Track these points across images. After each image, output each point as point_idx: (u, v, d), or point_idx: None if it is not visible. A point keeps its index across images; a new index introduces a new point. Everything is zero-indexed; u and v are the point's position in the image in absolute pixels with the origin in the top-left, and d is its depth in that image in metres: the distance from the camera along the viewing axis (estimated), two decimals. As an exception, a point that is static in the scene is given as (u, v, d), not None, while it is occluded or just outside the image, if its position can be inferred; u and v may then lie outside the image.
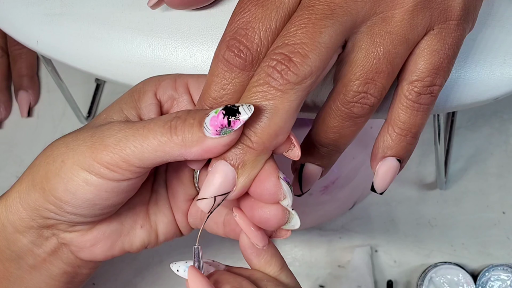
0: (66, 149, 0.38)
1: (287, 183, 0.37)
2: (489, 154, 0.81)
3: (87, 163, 0.37)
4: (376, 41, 0.38)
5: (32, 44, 0.49)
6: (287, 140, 0.37)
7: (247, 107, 0.35)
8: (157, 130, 0.36)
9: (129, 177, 0.38)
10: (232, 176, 0.37)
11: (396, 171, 0.41)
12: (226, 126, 0.35)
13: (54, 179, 0.38)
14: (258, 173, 0.37)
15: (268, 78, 0.35)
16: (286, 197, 0.37)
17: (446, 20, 0.38)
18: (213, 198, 0.37)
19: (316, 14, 0.36)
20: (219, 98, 0.37)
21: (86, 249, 0.42)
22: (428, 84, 0.39)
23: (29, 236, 0.41)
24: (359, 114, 0.39)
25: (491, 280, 0.73)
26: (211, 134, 0.35)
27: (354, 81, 0.38)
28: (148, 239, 0.44)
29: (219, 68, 0.37)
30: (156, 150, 0.36)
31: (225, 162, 0.36)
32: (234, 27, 0.37)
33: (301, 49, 0.35)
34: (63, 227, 0.41)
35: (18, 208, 0.40)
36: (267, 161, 0.37)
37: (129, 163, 0.37)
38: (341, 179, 0.71)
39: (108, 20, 0.47)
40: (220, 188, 0.36)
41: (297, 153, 0.38)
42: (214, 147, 0.36)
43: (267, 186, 0.37)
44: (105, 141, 0.37)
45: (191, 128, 0.36)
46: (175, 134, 0.36)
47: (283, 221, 0.38)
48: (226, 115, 0.35)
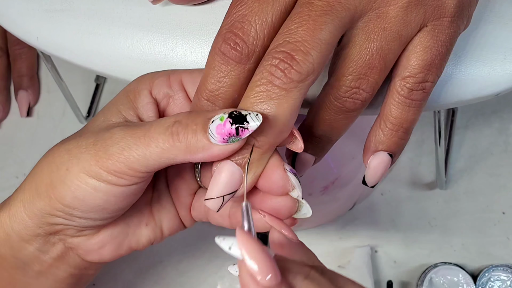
0: (69, 157, 0.38)
1: (294, 175, 0.38)
2: (489, 154, 0.81)
3: (94, 170, 0.37)
4: (370, 37, 0.38)
5: (32, 40, 0.49)
6: (290, 134, 0.38)
7: (255, 116, 0.35)
8: (158, 138, 0.36)
9: (136, 181, 0.38)
10: (239, 175, 0.37)
11: (387, 165, 0.42)
12: (234, 135, 0.35)
13: (61, 187, 0.38)
14: (265, 168, 0.38)
15: (271, 77, 0.35)
16: (295, 188, 0.38)
17: (440, 17, 0.39)
18: (221, 197, 0.37)
19: (316, 11, 0.36)
20: (215, 91, 0.37)
21: (93, 251, 0.42)
22: (420, 81, 0.39)
23: (35, 244, 0.41)
24: (351, 108, 0.39)
25: (491, 281, 0.73)
26: (218, 142, 0.35)
27: (347, 76, 0.39)
28: (154, 235, 0.44)
29: (216, 61, 0.37)
30: (160, 157, 0.36)
31: (231, 161, 0.37)
32: (231, 20, 0.37)
33: (303, 46, 0.35)
34: (71, 232, 0.41)
35: (23, 217, 0.40)
36: (272, 155, 0.38)
37: (135, 170, 0.37)
38: (341, 179, 0.71)
39: (109, 16, 0.47)
40: (227, 187, 0.37)
41: (300, 145, 0.38)
42: (222, 154, 0.36)
43: (274, 179, 0.38)
44: (109, 150, 0.37)
45: (194, 134, 0.36)
46: (178, 141, 0.36)
47: (293, 209, 0.39)
48: (234, 123, 0.35)
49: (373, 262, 0.76)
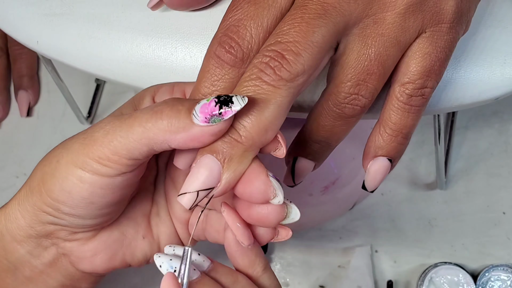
0: (61, 150, 0.38)
1: (276, 180, 0.37)
2: (489, 154, 0.81)
3: (80, 160, 0.37)
4: (368, 43, 0.38)
5: (32, 44, 0.49)
6: (275, 139, 0.37)
7: (241, 98, 0.34)
8: (142, 117, 0.35)
9: (122, 171, 0.37)
10: (218, 171, 0.35)
11: (387, 170, 0.42)
12: (216, 115, 0.34)
13: (50, 181, 0.38)
14: (246, 173, 0.36)
15: (260, 73, 0.35)
16: (276, 195, 0.36)
17: (438, 23, 0.39)
18: (195, 192, 0.35)
19: (310, 14, 0.36)
20: (208, 95, 0.37)
21: (86, 259, 0.42)
22: (419, 87, 0.39)
23: (26, 246, 0.41)
24: (350, 114, 0.39)
25: (491, 280, 0.73)
26: (200, 122, 0.34)
27: (346, 83, 0.38)
28: (150, 251, 0.43)
29: (210, 64, 0.37)
30: (141, 137, 0.35)
31: (211, 156, 0.35)
32: (226, 24, 0.37)
33: (294, 47, 0.35)
34: (63, 234, 0.40)
35: (17, 216, 0.40)
36: (253, 160, 0.36)
37: (118, 155, 0.36)
38: (341, 179, 0.71)
39: (108, 20, 0.47)
40: (204, 182, 0.35)
41: (283, 152, 0.37)
42: (201, 135, 0.35)
43: (256, 185, 0.36)
44: (94, 135, 0.37)
45: (178, 113, 0.35)
46: (160, 119, 0.35)
47: (282, 215, 0.37)
48: (218, 104, 0.34)
49: (373, 262, 0.76)
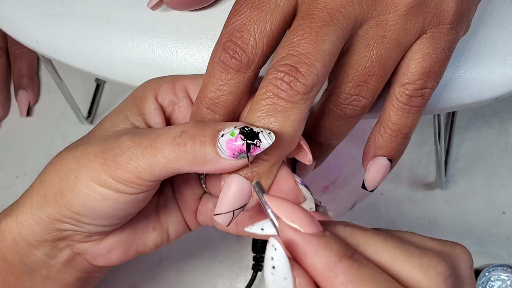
0: (77, 164, 0.38)
1: (305, 186, 0.38)
2: (489, 154, 0.81)
3: (103, 179, 0.37)
4: (370, 45, 0.38)
5: (32, 44, 0.49)
6: (297, 145, 0.38)
7: (267, 134, 0.34)
8: (164, 149, 0.36)
9: (145, 190, 0.38)
10: (248, 189, 0.37)
11: (387, 170, 0.42)
12: (244, 152, 0.35)
13: (70, 195, 0.38)
14: (275, 181, 0.37)
15: (277, 90, 0.35)
16: (306, 199, 0.37)
17: (439, 24, 0.39)
18: (231, 212, 0.37)
19: (317, 22, 0.36)
20: (215, 99, 0.37)
21: (101, 256, 0.43)
22: (419, 87, 0.39)
23: (43, 249, 0.41)
24: (351, 115, 0.40)
25: (491, 280, 0.73)
26: (227, 156, 0.35)
27: (347, 84, 0.39)
28: (161, 239, 0.44)
29: (215, 70, 0.37)
30: (166, 167, 0.36)
31: (239, 176, 0.36)
32: (230, 29, 0.37)
33: (307, 59, 0.35)
34: (78, 237, 0.41)
35: (31, 223, 0.40)
36: (280, 167, 0.37)
37: (143, 179, 0.37)
38: (341, 179, 0.71)
39: (108, 20, 0.47)
40: (236, 202, 0.37)
41: (308, 158, 0.38)
42: (230, 168, 0.36)
43: (286, 191, 0.37)
44: (117, 159, 0.37)
45: (202, 146, 0.35)
46: (184, 152, 0.36)
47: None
48: (245, 140, 0.34)
49: (373, 262, 0.76)
